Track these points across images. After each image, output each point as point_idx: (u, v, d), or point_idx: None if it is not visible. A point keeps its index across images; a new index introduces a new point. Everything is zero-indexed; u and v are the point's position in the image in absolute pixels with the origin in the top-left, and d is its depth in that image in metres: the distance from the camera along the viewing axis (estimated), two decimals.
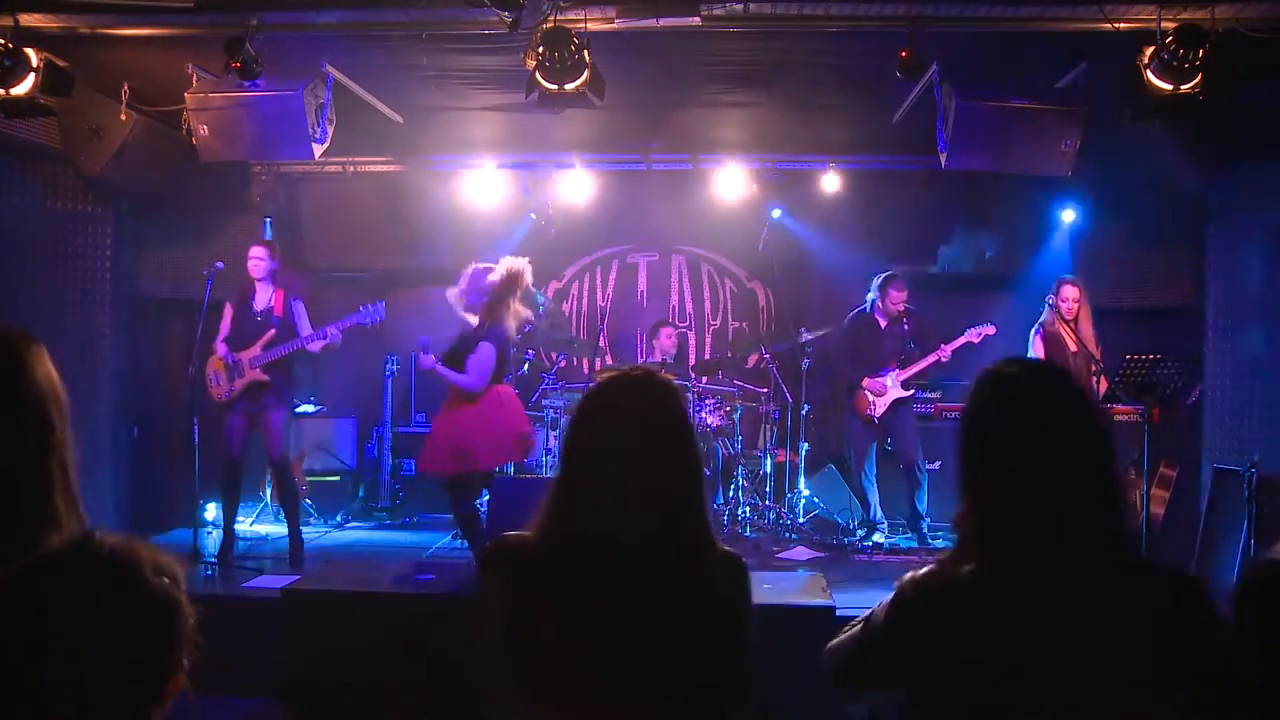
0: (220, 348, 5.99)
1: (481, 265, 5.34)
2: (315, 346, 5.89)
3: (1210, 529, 5.62)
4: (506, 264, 5.23)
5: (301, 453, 7.45)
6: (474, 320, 5.26)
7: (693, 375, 7.17)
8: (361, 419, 7.93)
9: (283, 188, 7.61)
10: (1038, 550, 1.46)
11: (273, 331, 5.92)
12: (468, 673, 1.86)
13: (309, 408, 7.72)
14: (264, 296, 6.05)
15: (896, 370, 6.42)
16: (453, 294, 5.34)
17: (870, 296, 6.57)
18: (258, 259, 6.04)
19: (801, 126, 6.80)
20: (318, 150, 5.55)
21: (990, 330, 6.41)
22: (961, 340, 6.38)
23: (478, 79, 5.83)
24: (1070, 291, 6.07)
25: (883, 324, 6.53)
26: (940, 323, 6.80)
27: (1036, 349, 6.23)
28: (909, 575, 1.60)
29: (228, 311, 6.08)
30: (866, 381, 6.43)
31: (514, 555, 1.68)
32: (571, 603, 1.57)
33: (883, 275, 6.52)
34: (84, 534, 1.27)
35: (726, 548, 1.76)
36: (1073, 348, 6.07)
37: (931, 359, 6.38)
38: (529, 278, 5.29)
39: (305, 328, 6.02)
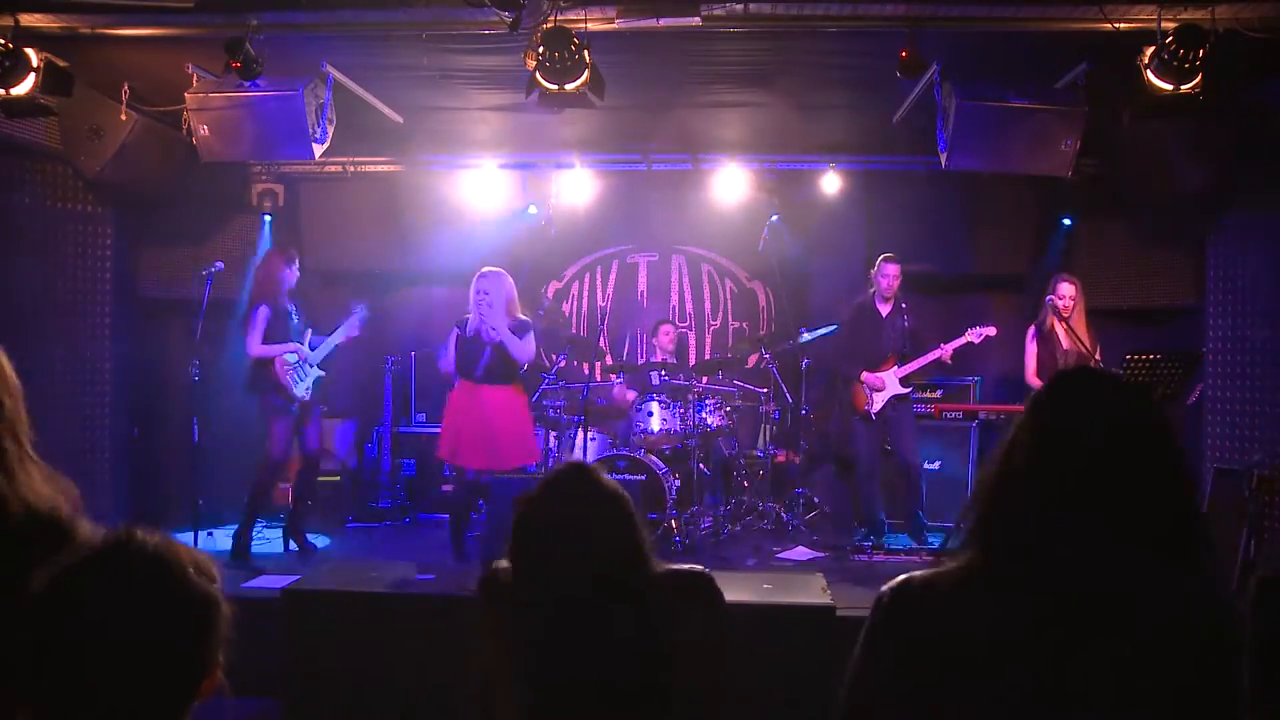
0: (296, 347, 6.09)
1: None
2: (353, 335, 6.39)
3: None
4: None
5: None
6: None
7: (693, 375, 7.18)
8: (361, 419, 7.93)
9: (283, 188, 7.61)
10: (1049, 550, 1.42)
11: (309, 332, 6.19)
12: (468, 682, 1.99)
13: None
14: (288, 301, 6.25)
15: (896, 367, 6.41)
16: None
17: (871, 289, 6.56)
18: (297, 267, 6.26)
19: (801, 126, 6.80)
20: (318, 150, 5.55)
21: (991, 331, 6.39)
22: (962, 340, 6.36)
23: (478, 79, 5.83)
24: (1067, 288, 6.07)
25: (883, 312, 6.51)
26: (940, 323, 6.80)
27: (1030, 347, 6.23)
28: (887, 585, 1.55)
29: (264, 313, 6.03)
30: (865, 376, 6.41)
31: (501, 592, 1.92)
32: (548, 631, 1.81)
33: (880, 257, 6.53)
34: (125, 532, 1.28)
35: (676, 566, 1.99)
36: (1065, 345, 6.07)
37: (932, 356, 6.37)
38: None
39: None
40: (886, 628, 1.50)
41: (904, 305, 6.50)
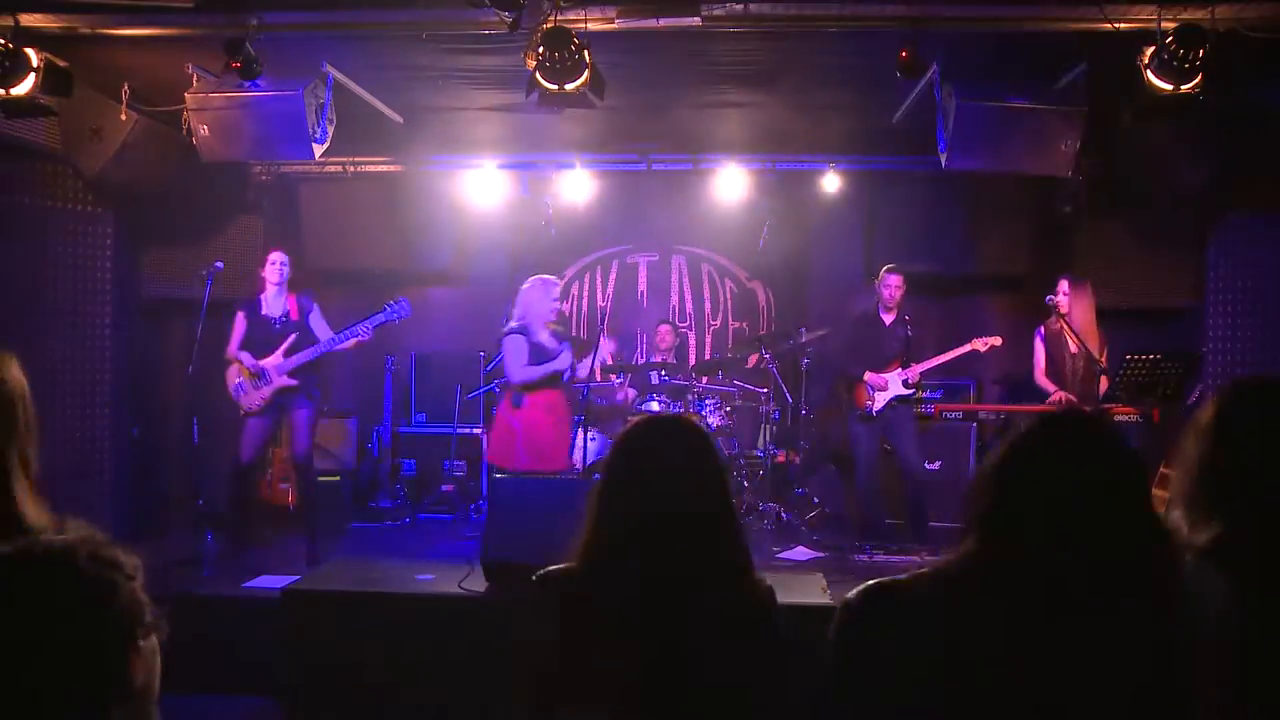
0: (245, 356, 5.90)
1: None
2: (347, 345, 5.93)
3: None
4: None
5: None
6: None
7: (693, 375, 7.17)
8: (361, 419, 7.92)
9: (283, 188, 7.61)
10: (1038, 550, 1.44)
11: (294, 336, 5.92)
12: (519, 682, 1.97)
13: None
14: (279, 302, 6.03)
15: (900, 370, 6.42)
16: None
17: (875, 297, 6.56)
18: (281, 264, 6.03)
19: (801, 126, 6.80)
20: (318, 150, 5.55)
21: (997, 341, 6.37)
22: (967, 347, 6.36)
23: (478, 79, 5.83)
24: (1062, 286, 6.05)
25: (886, 321, 6.52)
26: (941, 324, 6.80)
27: (1038, 348, 6.22)
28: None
29: (240, 319, 6.00)
30: (869, 375, 6.42)
31: (561, 588, 1.85)
32: (618, 629, 1.76)
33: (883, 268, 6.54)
34: (32, 538, 1.27)
35: (763, 578, 1.92)
36: (1073, 347, 6.06)
37: (935, 362, 6.38)
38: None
39: (324, 329, 6.05)
40: (858, 632, 1.51)
41: (907, 316, 6.49)
